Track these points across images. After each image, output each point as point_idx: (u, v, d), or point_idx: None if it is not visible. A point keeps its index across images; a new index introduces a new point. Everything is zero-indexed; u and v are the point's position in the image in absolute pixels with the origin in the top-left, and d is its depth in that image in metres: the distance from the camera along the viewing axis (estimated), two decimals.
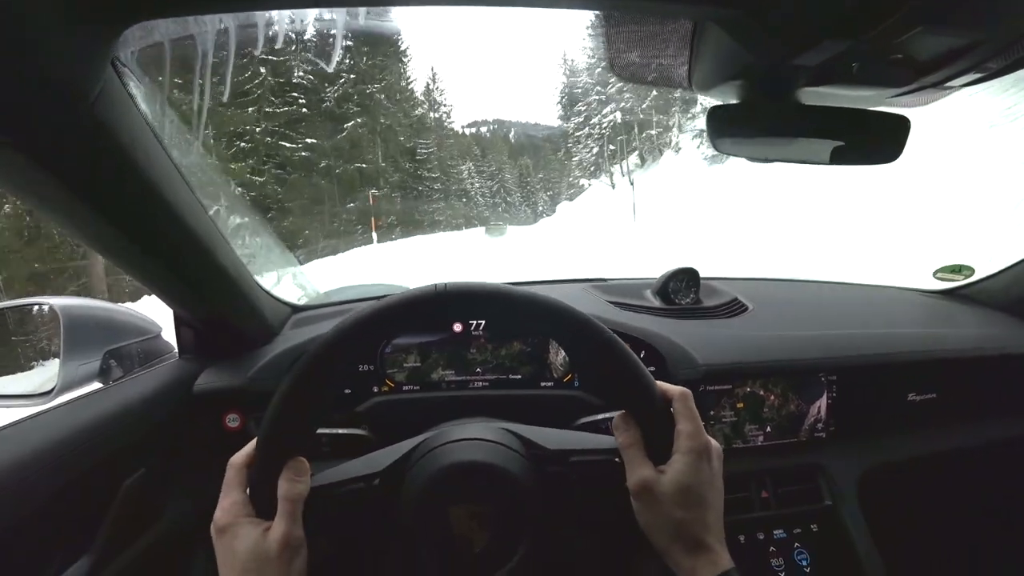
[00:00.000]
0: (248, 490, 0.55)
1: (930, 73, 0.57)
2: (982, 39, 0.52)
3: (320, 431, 0.93)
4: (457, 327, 1.05)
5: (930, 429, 1.16)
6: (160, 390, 0.98)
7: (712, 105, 0.64)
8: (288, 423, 0.55)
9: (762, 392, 1.03)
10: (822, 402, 1.05)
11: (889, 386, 1.13)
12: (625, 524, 0.53)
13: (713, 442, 0.55)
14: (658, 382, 0.57)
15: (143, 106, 0.67)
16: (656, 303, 1.26)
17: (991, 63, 0.57)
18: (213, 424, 0.99)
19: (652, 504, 0.52)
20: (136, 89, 0.66)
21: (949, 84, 0.62)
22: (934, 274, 1.57)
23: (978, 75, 0.60)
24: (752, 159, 0.72)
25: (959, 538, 1.37)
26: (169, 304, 0.98)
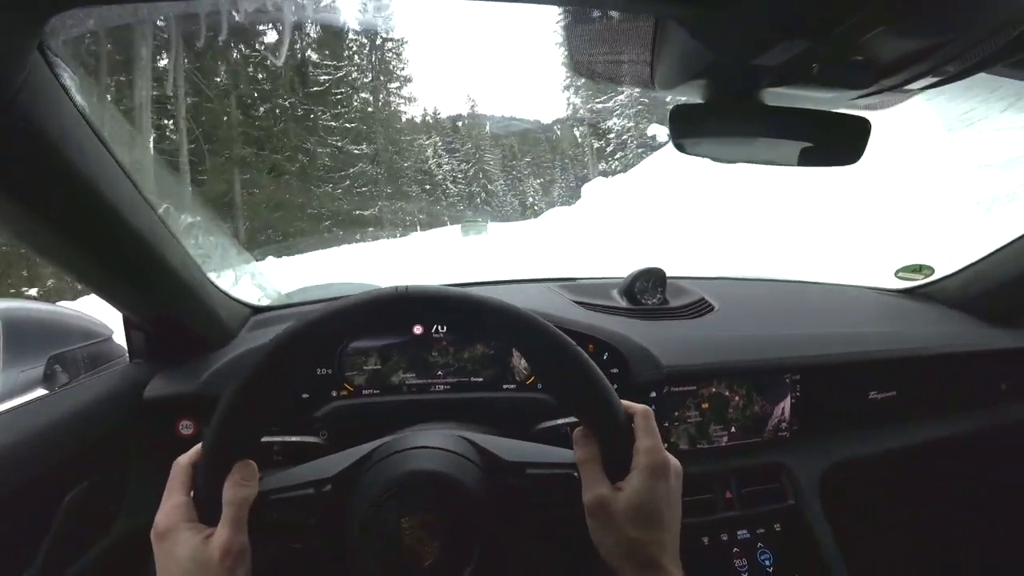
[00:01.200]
0: (192, 493, 0.52)
1: (890, 75, 0.57)
2: (941, 42, 0.51)
3: (271, 439, 0.90)
4: (418, 329, 1.03)
5: (890, 426, 1.18)
6: (108, 396, 0.93)
7: (674, 104, 0.63)
8: (236, 425, 0.52)
9: (727, 393, 1.03)
10: (786, 402, 1.06)
11: (851, 385, 1.15)
12: (580, 540, 0.52)
13: (672, 459, 0.54)
14: (623, 401, 0.56)
15: (78, 98, 0.63)
16: (622, 303, 1.25)
17: (949, 67, 0.57)
18: (166, 432, 0.94)
19: (607, 522, 0.51)
20: (70, 80, 0.62)
21: (909, 87, 0.62)
22: (895, 273, 1.60)
23: (937, 78, 0.60)
24: (715, 159, 0.72)
25: (919, 533, 1.41)
26: (114, 306, 0.93)
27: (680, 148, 0.66)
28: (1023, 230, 1.27)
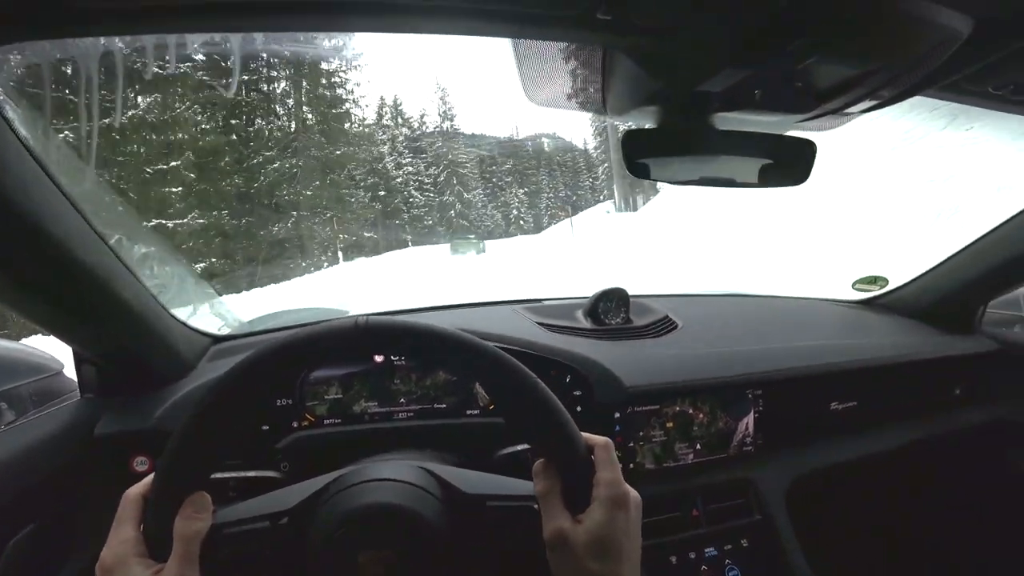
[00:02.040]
0: (142, 527, 0.50)
1: (829, 100, 0.60)
2: (873, 69, 0.54)
3: (226, 475, 0.86)
4: (379, 357, 1.01)
5: (852, 436, 1.20)
6: (57, 434, 0.89)
7: (626, 130, 0.64)
8: (189, 456, 0.50)
9: (691, 410, 1.04)
10: (749, 417, 1.07)
11: (813, 397, 1.17)
12: (540, 573, 0.51)
13: (632, 492, 0.54)
14: (583, 433, 0.55)
15: (21, 131, 0.61)
16: (586, 324, 1.25)
17: (884, 91, 0.60)
18: (118, 470, 0.90)
19: (567, 555, 0.50)
20: (12, 112, 0.61)
21: (848, 110, 0.65)
22: (853, 285, 1.66)
23: (874, 102, 0.63)
24: (669, 182, 0.73)
25: (884, 539, 1.43)
26: (63, 340, 0.89)
27: (633, 172, 0.67)
28: (968, 241, 1.33)
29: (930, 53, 0.53)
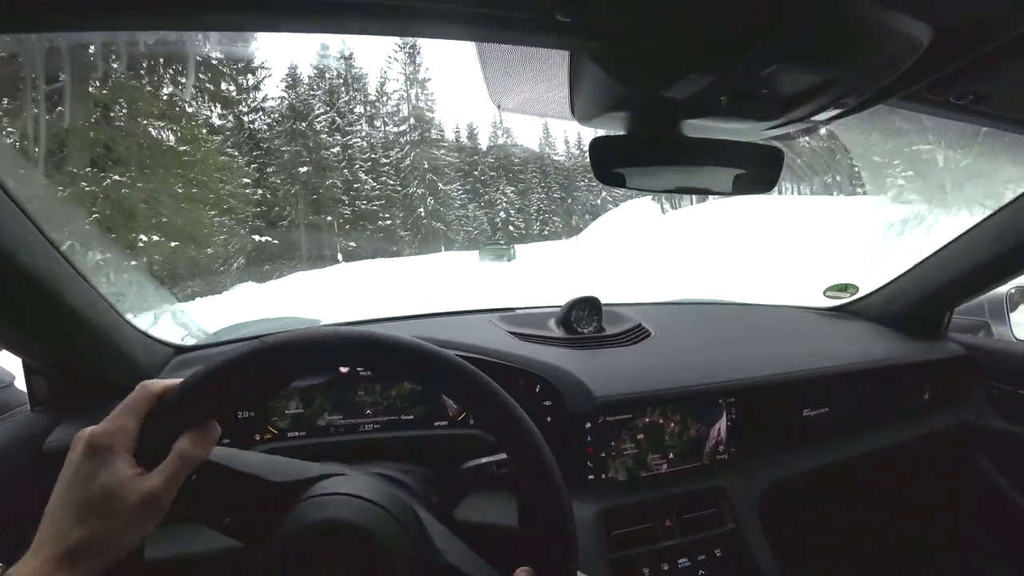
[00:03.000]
0: (143, 423, 0.47)
1: (795, 108, 0.59)
2: (836, 76, 0.54)
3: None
4: (343, 368, 0.98)
5: (824, 442, 1.21)
6: (4, 449, 0.84)
7: (593, 137, 0.64)
8: (224, 382, 0.48)
9: (663, 419, 1.03)
10: (722, 425, 1.07)
11: (785, 404, 1.17)
12: None
13: None
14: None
15: None
16: (559, 333, 1.24)
17: (847, 99, 0.60)
18: None
19: None
20: None
21: (814, 118, 0.65)
22: (824, 292, 1.68)
23: (838, 111, 0.63)
24: (639, 190, 0.72)
25: (856, 544, 1.44)
26: (9, 351, 0.85)
27: (602, 180, 0.67)
28: (933, 249, 1.35)
29: (891, 61, 0.53)
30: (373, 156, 34.58)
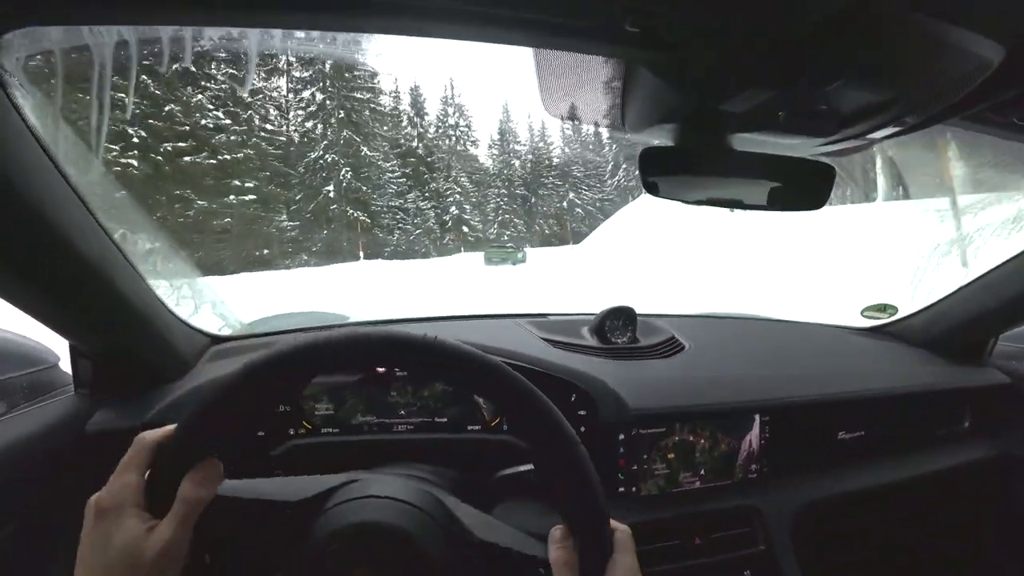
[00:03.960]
0: (147, 475, 0.47)
1: (852, 125, 0.59)
2: (900, 95, 0.53)
3: None
4: (380, 367, 0.99)
5: (859, 466, 1.18)
6: (48, 429, 0.87)
7: (644, 147, 0.64)
8: (220, 415, 0.48)
9: (696, 435, 1.01)
10: (755, 442, 1.05)
11: (820, 425, 1.15)
12: None
13: None
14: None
15: (30, 117, 0.61)
16: (592, 342, 1.23)
17: (908, 118, 0.59)
18: (109, 469, 0.88)
19: None
20: (24, 99, 0.60)
21: (871, 136, 0.64)
22: (861, 312, 1.64)
23: (897, 128, 0.62)
24: (685, 202, 0.72)
25: (886, 570, 1.40)
26: (59, 334, 0.88)
27: (650, 190, 0.67)
28: (980, 272, 1.31)
29: (958, 80, 0.52)
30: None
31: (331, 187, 29.59)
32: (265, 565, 0.52)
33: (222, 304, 1.48)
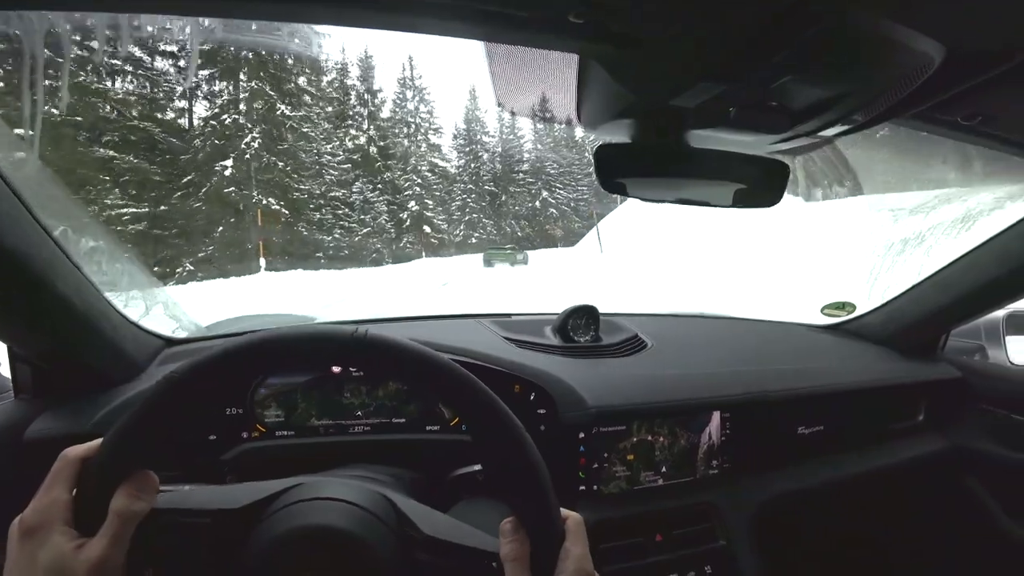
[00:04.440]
0: (74, 492, 0.45)
1: (803, 122, 0.59)
2: (847, 92, 0.53)
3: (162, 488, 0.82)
4: (336, 368, 0.97)
5: (819, 461, 1.20)
6: None
7: (600, 143, 0.63)
8: (149, 425, 0.45)
9: (656, 432, 1.01)
10: (715, 438, 1.05)
11: (780, 421, 1.16)
12: None
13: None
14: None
15: None
16: (555, 341, 1.23)
17: (857, 116, 0.59)
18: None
19: None
20: None
21: (822, 133, 0.65)
22: (821, 310, 1.67)
23: (846, 126, 0.63)
24: (642, 199, 0.72)
25: (849, 566, 1.43)
26: None
27: (607, 187, 0.66)
28: (932, 270, 1.35)
29: (902, 78, 0.53)
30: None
31: (230, 163, 21.52)
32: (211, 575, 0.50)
33: (175, 306, 1.43)
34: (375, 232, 29.63)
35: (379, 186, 31.23)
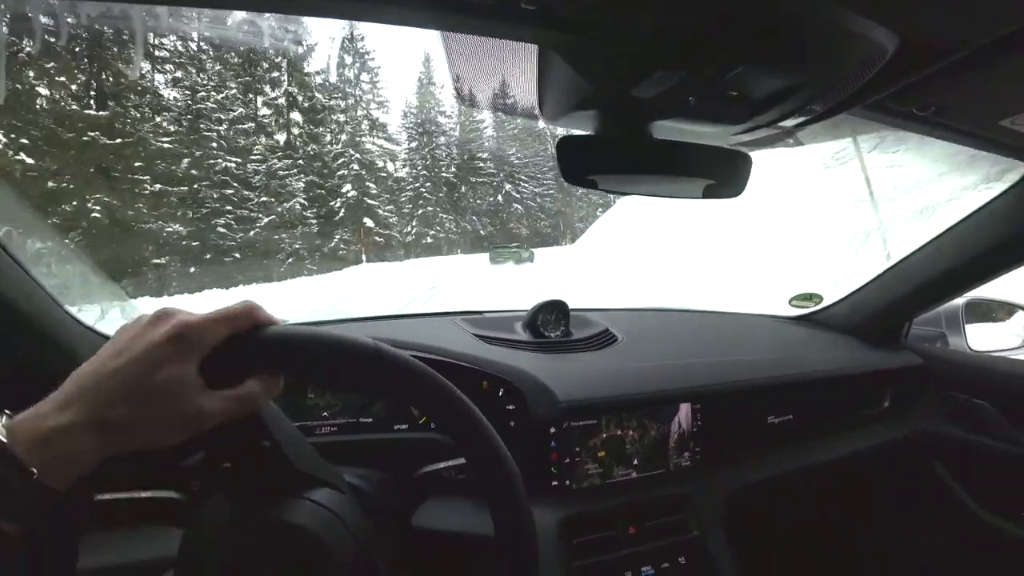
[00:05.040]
0: (231, 338, 0.44)
1: (762, 112, 0.59)
2: (803, 81, 0.53)
3: (118, 495, 0.78)
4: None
5: (789, 449, 1.21)
6: None
7: (561, 136, 0.62)
8: (315, 356, 0.46)
9: (628, 425, 1.00)
10: (686, 430, 1.06)
11: (750, 410, 1.18)
12: None
13: None
14: None
15: None
16: (525, 336, 1.22)
17: (814, 105, 0.60)
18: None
19: None
20: None
21: (781, 124, 0.65)
22: (789, 302, 1.70)
23: (805, 117, 0.63)
24: (606, 191, 0.71)
25: (820, 552, 1.46)
26: None
27: (570, 180, 0.65)
28: (894, 260, 1.38)
29: (856, 68, 0.53)
30: None
31: None
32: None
33: (132, 307, 1.38)
34: (288, 224, 21.08)
35: (300, 161, 23.09)
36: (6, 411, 0.41)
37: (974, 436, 1.36)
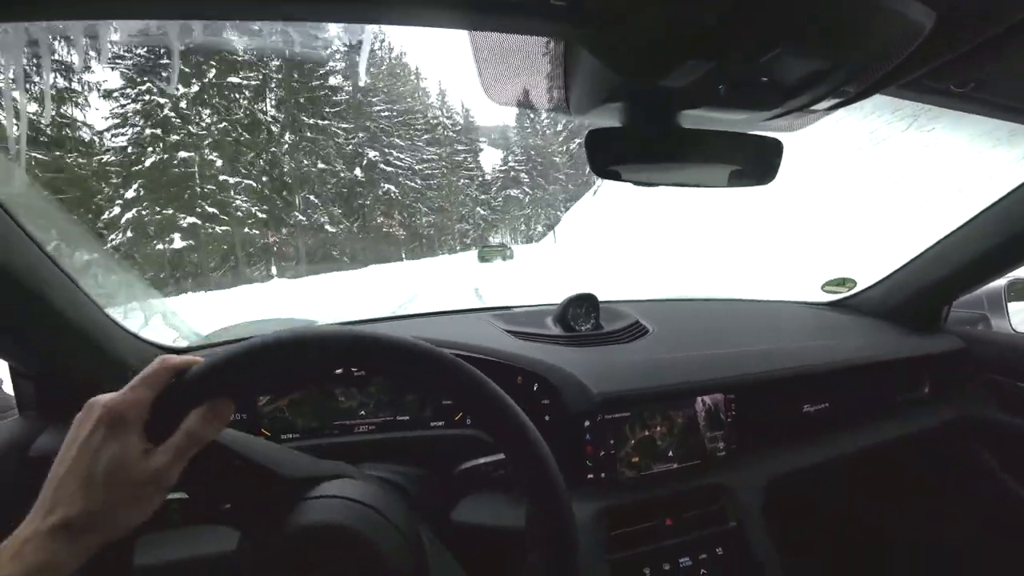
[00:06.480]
0: (157, 396, 0.45)
1: (794, 96, 0.58)
2: (837, 63, 0.53)
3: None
4: (339, 369, 0.97)
5: (825, 438, 1.20)
6: None
7: (590, 128, 0.62)
8: (251, 364, 0.46)
9: (660, 417, 1.00)
10: (722, 420, 1.05)
11: (785, 400, 1.16)
12: None
13: None
14: None
15: None
16: (556, 331, 1.23)
17: (848, 87, 0.59)
18: None
19: None
20: None
21: (814, 107, 0.64)
22: (822, 287, 1.67)
23: (838, 99, 0.62)
24: (636, 183, 0.71)
25: (859, 541, 1.43)
26: None
27: (599, 174, 0.65)
28: (932, 241, 1.34)
29: (893, 47, 0.52)
30: None
31: None
32: (226, 516, 0.52)
33: (174, 315, 1.42)
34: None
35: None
36: None
37: (1020, 420, 1.32)
